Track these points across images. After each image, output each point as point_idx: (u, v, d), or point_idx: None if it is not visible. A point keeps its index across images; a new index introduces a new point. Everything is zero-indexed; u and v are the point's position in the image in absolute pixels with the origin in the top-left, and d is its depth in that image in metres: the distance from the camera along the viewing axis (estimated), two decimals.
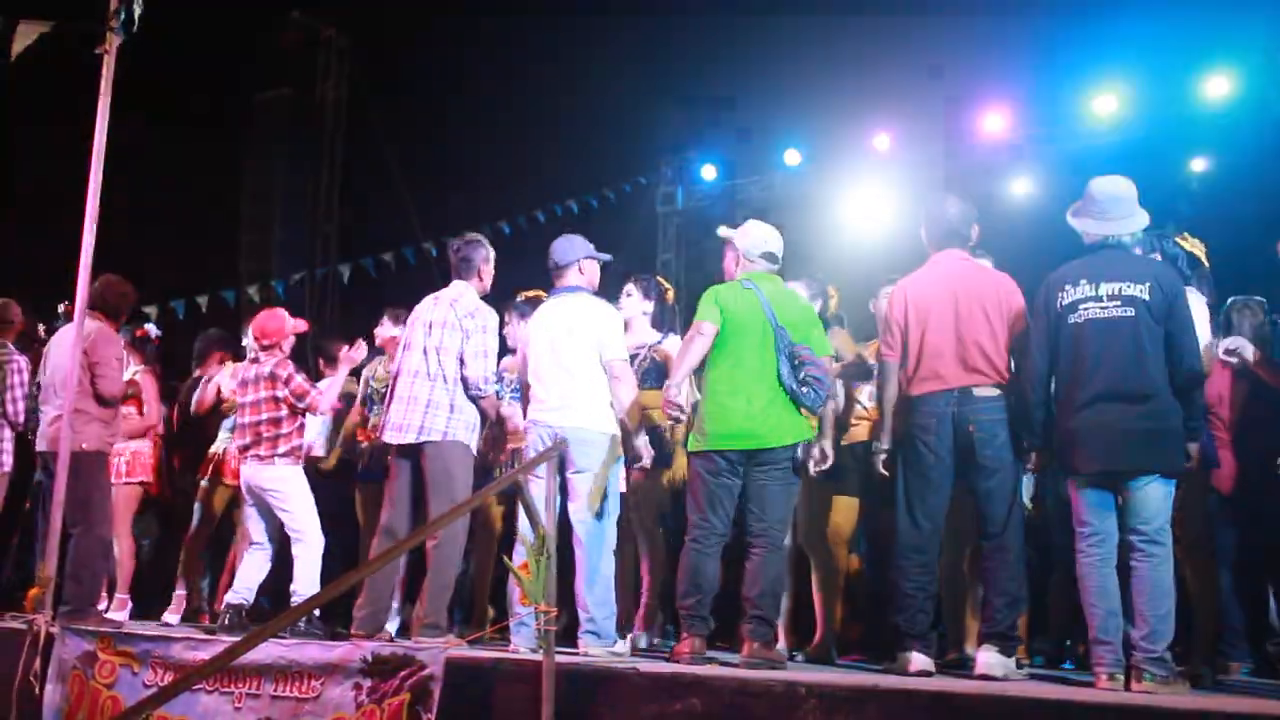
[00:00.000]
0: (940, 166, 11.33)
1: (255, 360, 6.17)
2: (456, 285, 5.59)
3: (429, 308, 5.55)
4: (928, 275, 4.86)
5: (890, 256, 6.35)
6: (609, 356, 5.14)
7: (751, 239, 5.06)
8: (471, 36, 13.11)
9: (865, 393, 5.66)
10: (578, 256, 5.37)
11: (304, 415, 6.14)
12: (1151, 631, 4.11)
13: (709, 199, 12.91)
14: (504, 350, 6.08)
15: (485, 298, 5.63)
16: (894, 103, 11.57)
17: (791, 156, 12.31)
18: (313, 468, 6.48)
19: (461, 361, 5.39)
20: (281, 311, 6.48)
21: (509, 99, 13.11)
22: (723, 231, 5.24)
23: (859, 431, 5.65)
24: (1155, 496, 4.24)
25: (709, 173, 13.13)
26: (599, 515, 5.03)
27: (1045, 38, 10.57)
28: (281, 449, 6.01)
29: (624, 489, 5.44)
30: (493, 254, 5.68)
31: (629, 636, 5.47)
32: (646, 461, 5.31)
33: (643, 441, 5.26)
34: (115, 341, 6.21)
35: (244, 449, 6.09)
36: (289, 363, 6.16)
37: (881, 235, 11.27)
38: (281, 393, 6.03)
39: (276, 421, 6.03)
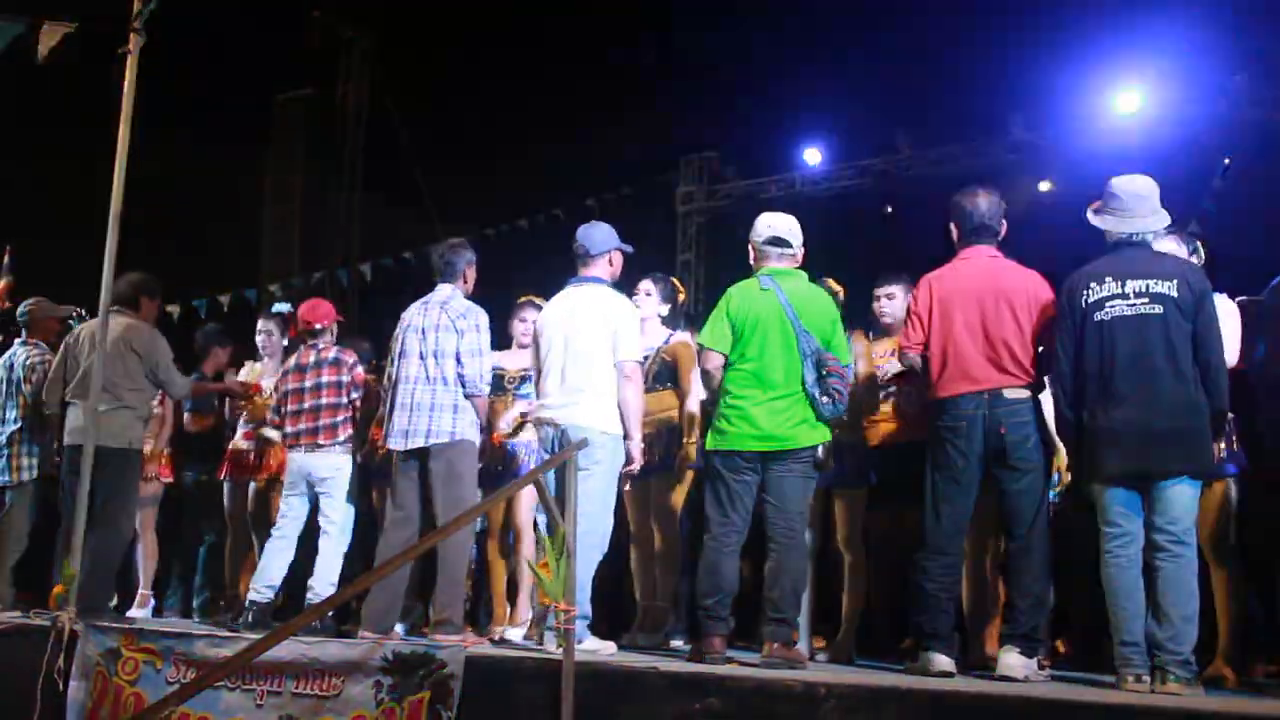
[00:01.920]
0: (962, 164, 11.30)
1: (312, 347, 6.18)
2: (442, 288, 5.64)
3: (419, 314, 5.57)
4: (955, 271, 4.78)
5: (908, 256, 6.30)
6: (622, 356, 5.07)
7: (756, 228, 5.02)
8: (491, 36, 13.13)
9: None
10: (610, 247, 5.31)
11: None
12: (1177, 633, 4.08)
13: (729, 198, 12.89)
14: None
15: (481, 298, 5.70)
16: (915, 102, 11.54)
17: (812, 155, 12.29)
18: None
19: (459, 361, 5.43)
20: (323, 300, 6.56)
21: (529, 97, 13.13)
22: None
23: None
24: (1183, 497, 4.20)
25: (730, 172, 13.11)
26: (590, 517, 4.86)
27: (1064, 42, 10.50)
28: (341, 437, 6.04)
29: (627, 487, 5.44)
30: (475, 258, 5.73)
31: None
32: (636, 467, 5.18)
33: (636, 445, 5.13)
34: (163, 339, 6.30)
35: (296, 435, 6.06)
36: (350, 350, 6.23)
37: (903, 234, 11.24)
38: (345, 378, 6.06)
39: (337, 408, 6.05)
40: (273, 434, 6.56)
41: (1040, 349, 4.60)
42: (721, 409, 4.83)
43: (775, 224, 4.98)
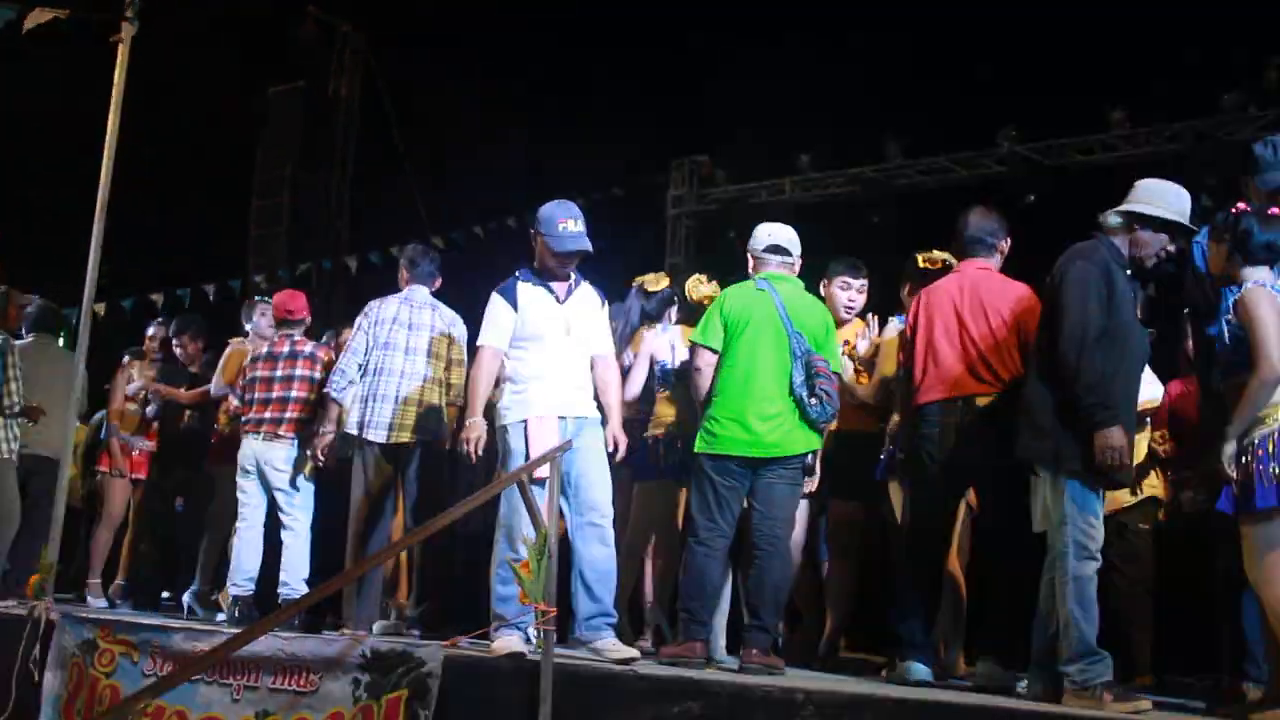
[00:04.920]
0: (952, 175, 11.34)
1: (286, 338, 6.15)
2: (420, 289, 5.72)
3: (403, 309, 5.64)
4: (945, 284, 4.84)
5: (896, 263, 6.30)
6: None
7: (756, 236, 5.03)
8: (485, 34, 13.12)
9: None
10: None
11: None
12: (1061, 644, 4.01)
13: (720, 202, 12.89)
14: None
15: (470, 296, 5.78)
16: (906, 108, 11.55)
17: (804, 162, 12.30)
18: None
19: (449, 367, 5.59)
20: (299, 292, 6.58)
21: (521, 95, 13.11)
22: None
23: None
24: (1044, 493, 4.14)
25: (720, 176, 13.11)
26: None
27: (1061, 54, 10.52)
28: (304, 433, 6.01)
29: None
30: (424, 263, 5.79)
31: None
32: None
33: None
34: None
35: (258, 423, 6.02)
36: (326, 348, 6.23)
37: (892, 242, 11.25)
38: (319, 376, 6.04)
39: (306, 403, 6.03)
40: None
41: (1020, 357, 4.58)
42: (713, 412, 4.78)
43: (776, 232, 5.01)
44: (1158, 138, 10.39)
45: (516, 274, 4.87)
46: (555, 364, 4.74)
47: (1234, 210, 3.94)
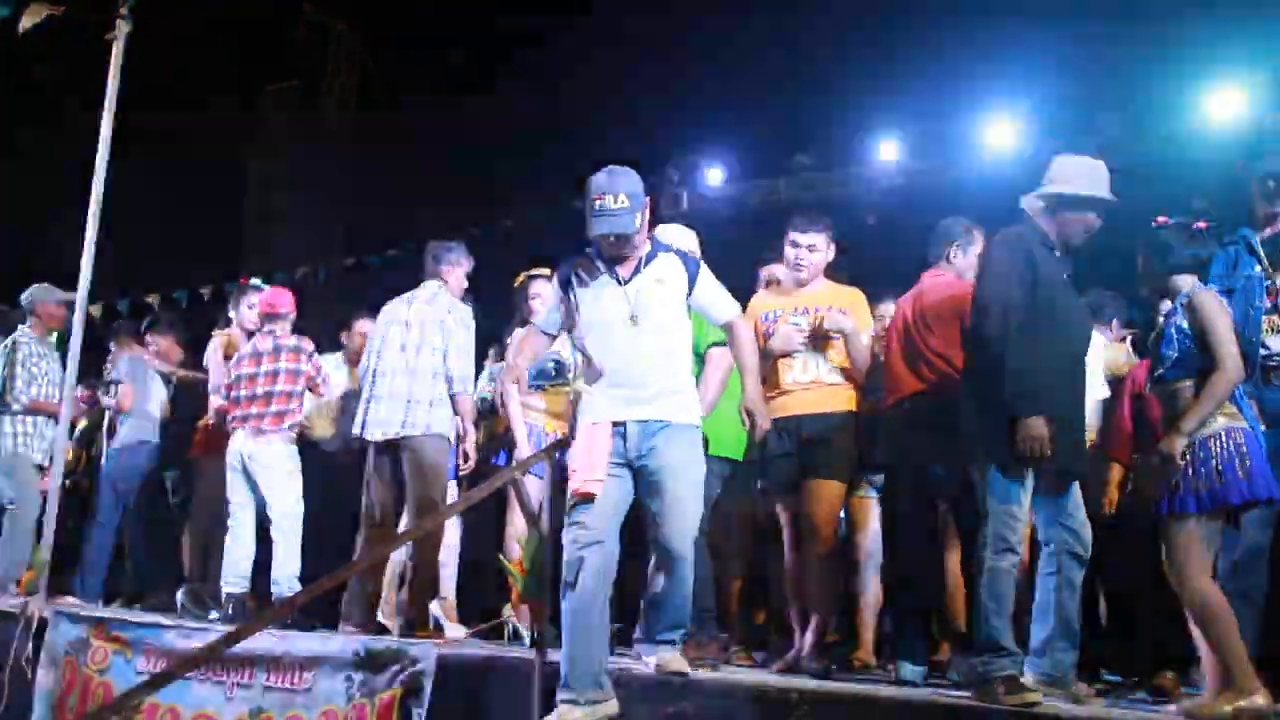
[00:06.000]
0: (949, 173, 11.33)
1: (269, 334, 6.13)
2: (429, 285, 5.66)
3: (403, 307, 5.59)
4: (905, 297, 4.95)
5: (890, 264, 6.30)
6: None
7: (683, 237, 4.89)
8: (479, 33, 13.13)
9: (799, 364, 5.05)
10: None
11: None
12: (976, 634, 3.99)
13: (715, 203, 12.90)
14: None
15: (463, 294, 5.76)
16: (902, 109, 11.56)
17: (798, 161, 12.31)
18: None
19: (446, 357, 5.47)
20: (285, 289, 6.53)
21: (516, 96, 13.13)
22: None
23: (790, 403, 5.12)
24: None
25: (714, 176, 13.12)
26: None
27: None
28: (287, 424, 6.00)
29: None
30: (459, 259, 5.71)
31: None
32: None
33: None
34: None
35: (244, 419, 6.00)
36: (309, 339, 6.19)
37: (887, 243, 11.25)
38: (304, 367, 6.02)
39: (290, 395, 6.01)
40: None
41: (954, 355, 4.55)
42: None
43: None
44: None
45: (586, 251, 4.14)
46: (618, 359, 4.02)
47: (1154, 223, 3.91)
